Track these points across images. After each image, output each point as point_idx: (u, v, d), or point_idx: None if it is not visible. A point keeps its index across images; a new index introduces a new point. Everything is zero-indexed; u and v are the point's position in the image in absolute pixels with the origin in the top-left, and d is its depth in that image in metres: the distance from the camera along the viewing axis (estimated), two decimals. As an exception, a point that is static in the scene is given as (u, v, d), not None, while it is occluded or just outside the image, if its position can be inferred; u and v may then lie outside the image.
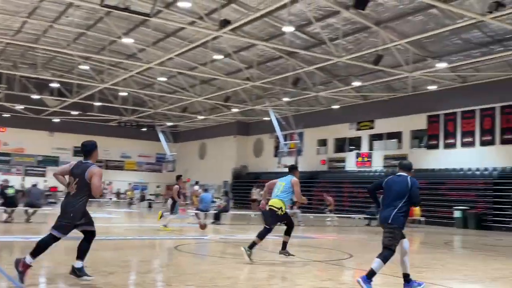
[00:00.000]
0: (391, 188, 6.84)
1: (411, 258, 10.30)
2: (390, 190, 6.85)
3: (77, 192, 6.33)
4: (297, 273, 8.40)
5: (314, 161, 34.96)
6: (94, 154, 6.58)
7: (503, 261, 11.50)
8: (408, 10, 19.87)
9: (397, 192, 6.77)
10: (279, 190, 9.51)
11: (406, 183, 6.77)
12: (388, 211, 6.75)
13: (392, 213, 6.70)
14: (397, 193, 6.77)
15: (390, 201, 6.79)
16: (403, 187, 6.75)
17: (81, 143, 6.70)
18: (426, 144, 28.10)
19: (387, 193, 6.88)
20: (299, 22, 21.98)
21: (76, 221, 6.33)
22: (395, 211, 6.70)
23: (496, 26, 19.42)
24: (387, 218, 6.74)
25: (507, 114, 24.19)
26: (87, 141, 6.70)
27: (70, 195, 6.37)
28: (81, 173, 6.34)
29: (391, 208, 6.73)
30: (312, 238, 15.57)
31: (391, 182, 6.88)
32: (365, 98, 31.30)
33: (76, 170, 6.43)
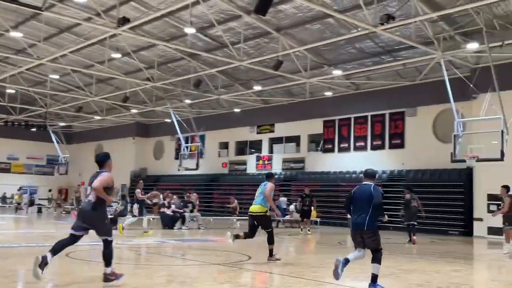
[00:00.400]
0: (358, 197, 7.59)
1: (308, 258, 10.60)
2: (357, 199, 7.59)
3: (97, 198, 7.00)
4: (195, 277, 8.28)
5: (215, 164, 34.97)
6: (107, 164, 7.31)
7: (392, 259, 12.21)
8: (307, 18, 20.56)
9: (363, 200, 7.47)
10: (257, 196, 10.51)
11: (369, 190, 7.49)
12: (361, 218, 7.43)
13: (365, 220, 7.37)
14: (363, 201, 7.47)
15: (359, 208, 7.51)
16: (368, 194, 7.46)
17: (95, 155, 7.54)
18: (322, 148, 29.26)
19: (355, 202, 7.62)
20: (201, 24, 21.87)
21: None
22: (367, 218, 7.37)
23: (386, 38, 20.71)
24: (362, 225, 7.40)
25: (395, 120, 25.90)
26: (100, 153, 7.60)
27: (88, 201, 7.03)
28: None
29: (362, 216, 7.42)
30: (212, 241, 15.51)
31: (357, 192, 7.63)
32: (266, 102, 31.93)
33: (92, 179, 7.06)
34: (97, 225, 7.06)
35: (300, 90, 29.22)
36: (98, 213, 7.05)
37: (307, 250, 15.07)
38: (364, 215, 7.40)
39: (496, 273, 10.59)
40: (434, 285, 8.16)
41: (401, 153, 25.44)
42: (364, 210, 7.42)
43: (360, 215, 7.44)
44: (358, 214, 7.51)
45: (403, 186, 22.40)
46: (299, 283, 8.02)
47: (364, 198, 7.46)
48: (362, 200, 7.48)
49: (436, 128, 24.20)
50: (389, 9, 18.00)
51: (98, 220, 7.04)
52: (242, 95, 30.14)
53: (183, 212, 20.56)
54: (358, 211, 7.51)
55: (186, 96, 30.67)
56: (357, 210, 7.55)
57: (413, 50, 21.78)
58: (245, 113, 32.87)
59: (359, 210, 7.50)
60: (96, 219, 7.02)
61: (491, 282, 9.32)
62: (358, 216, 7.49)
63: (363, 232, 7.44)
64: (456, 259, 12.88)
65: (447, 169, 22.90)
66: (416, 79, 24.31)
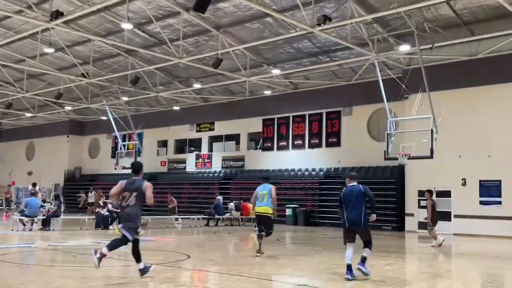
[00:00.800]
0: (350, 198, 8.38)
1: (246, 257, 10.68)
2: (349, 200, 8.38)
3: (136, 202, 7.85)
4: (133, 277, 8.13)
5: (154, 162, 34.43)
6: (141, 172, 8.15)
7: (327, 254, 12.53)
8: (246, 17, 20.65)
9: (356, 199, 8.30)
10: (264, 198, 11.22)
11: (360, 190, 8.39)
12: (356, 215, 8.27)
13: (360, 218, 8.26)
14: (356, 200, 8.29)
15: (352, 207, 8.32)
16: (359, 194, 8.34)
17: (131, 164, 8.44)
18: (262, 146, 29.51)
19: (348, 202, 8.40)
20: (138, 20, 21.46)
21: (139, 225, 8.03)
22: (362, 215, 8.25)
23: (323, 38, 21.18)
24: (357, 222, 8.29)
25: (332, 119, 26.55)
26: (135, 162, 8.47)
27: (130, 205, 7.85)
28: (138, 187, 7.88)
29: (357, 213, 8.27)
30: (150, 241, 15.27)
31: (348, 193, 8.46)
32: (205, 100, 31.79)
33: (131, 186, 7.92)
34: (133, 224, 7.94)
35: (239, 89, 29.31)
36: (138, 215, 8.03)
37: (246, 248, 15.17)
38: (358, 213, 8.26)
39: (426, 265, 11.10)
40: (368, 279, 8.45)
41: (337, 151, 26.10)
42: (358, 208, 8.27)
43: (355, 213, 8.27)
44: (352, 212, 8.30)
45: (340, 183, 23.01)
46: (238, 281, 8.06)
47: (357, 196, 8.31)
48: (355, 198, 8.32)
49: (371, 127, 25.03)
50: (326, 10, 18.42)
51: (135, 221, 7.96)
52: (182, 93, 29.86)
53: (119, 211, 20.08)
54: (352, 210, 8.31)
55: (123, 93, 29.98)
56: (350, 209, 8.34)
57: (349, 51, 22.41)
58: (184, 111, 32.59)
59: (353, 208, 8.31)
60: (134, 219, 7.93)
61: (420, 274, 9.77)
62: (353, 214, 8.29)
63: (359, 228, 8.34)
64: (389, 253, 13.39)
65: (381, 167, 23.75)
66: (351, 79, 25.03)
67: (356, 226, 8.32)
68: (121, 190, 8.03)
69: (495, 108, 20.21)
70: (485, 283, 8.96)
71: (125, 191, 7.97)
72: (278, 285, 8.03)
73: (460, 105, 20.65)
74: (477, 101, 20.62)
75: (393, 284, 8.08)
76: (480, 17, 19.00)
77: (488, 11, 18.45)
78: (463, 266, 11.64)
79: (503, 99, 20.05)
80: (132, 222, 7.90)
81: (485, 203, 20.32)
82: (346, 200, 8.44)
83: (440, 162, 19.86)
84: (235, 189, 28.76)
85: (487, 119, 20.36)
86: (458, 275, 10.10)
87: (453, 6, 18.41)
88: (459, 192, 20.95)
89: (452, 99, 20.56)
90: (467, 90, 20.88)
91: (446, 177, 21.05)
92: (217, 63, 21.36)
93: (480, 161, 20.39)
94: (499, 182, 20.02)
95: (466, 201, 20.72)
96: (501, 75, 20.06)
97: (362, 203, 8.30)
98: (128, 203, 7.92)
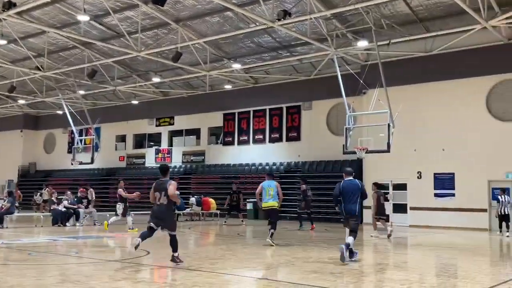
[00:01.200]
0: (348, 190, 9.75)
1: (207, 251, 10.65)
2: (348, 192, 9.74)
3: (168, 202, 8.79)
4: (91, 275, 7.97)
5: (112, 157, 33.82)
6: (168, 173, 9.17)
7: (287, 247, 12.63)
8: (206, 10, 20.50)
9: (354, 192, 9.72)
10: (270, 194, 12.67)
11: (357, 185, 9.89)
12: (352, 206, 9.68)
13: (355, 208, 9.65)
14: (354, 193, 9.72)
15: (350, 199, 9.71)
16: (356, 188, 9.80)
17: (159, 166, 9.46)
18: (222, 140, 29.44)
19: (347, 193, 9.74)
20: (95, 12, 20.97)
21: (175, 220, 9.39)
22: (357, 205, 9.69)
23: (283, 33, 21.27)
24: (353, 211, 9.67)
25: (292, 114, 26.74)
26: (162, 164, 10.02)
27: (164, 204, 8.78)
28: (166, 187, 8.75)
29: (353, 204, 9.68)
30: (109, 237, 15.01)
31: (347, 186, 9.80)
32: (165, 95, 31.43)
33: (160, 186, 8.86)
34: (169, 224, 8.94)
35: (200, 83, 29.12)
36: (170, 212, 9.00)
37: (206, 243, 15.12)
38: (354, 203, 9.70)
39: (383, 257, 11.37)
40: (327, 271, 8.57)
41: (298, 145, 26.34)
42: (354, 200, 9.71)
43: (352, 203, 9.69)
44: (349, 203, 9.71)
45: (299, 177, 23.26)
46: (199, 276, 8.03)
47: (355, 191, 9.73)
48: (353, 192, 9.73)
49: (330, 122, 25.36)
50: (286, 5, 18.50)
51: (170, 220, 9.00)
52: (140, 87, 29.41)
53: (77, 208, 19.66)
54: (349, 201, 9.72)
55: (79, 87, 29.28)
56: (348, 200, 9.73)
57: (308, 46, 22.60)
58: (143, 105, 32.13)
59: (350, 200, 9.71)
60: (168, 217, 8.94)
61: (378, 265, 9.99)
62: (350, 204, 9.71)
63: (352, 216, 9.69)
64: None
65: (340, 160, 24.11)
66: (311, 74, 25.27)
67: (351, 215, 9.70)
68: (153, 192, 8.94)
69: (449, 103, 20.84)
70: (439, 273, 9.24)
71: (156, 191, 8.91)
72: (239, 279, 8.05)
73: (415, 100, 21.18)
74: (432, 96, 21.21)
75: (351, 276, 8.23)
76: (435, 14, 19.51)
77: (442, 8, 18.97)
78: (419, 256, 11.98)
79: (456, 94, 20.69)
80: (168, 219, 8.91)
81: (440, 196, 20.96)
82: (345, 192, 9.76)
83: (397, 156, 20.33)
84: (196, 184, 28.61)
85: (441, 113, 20.97)
86: (414, 265, 10.38)
87: (409, 3, 18.83)
88: (414, 185, 21.52)
89: (408, 94, 21.07)
90: (422, 86, 21.44)
91: (402, 170, 21.59)
92: (176, 56, 21.13)
93: (434, 154, 21.01)
94: (452, 175, 20.70)
95: (421, 193, 21.32)
96: (455, 71, 20.68)
97: (358, 196, 9.75)
98: (161, 202, 8.82)
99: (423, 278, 8.33)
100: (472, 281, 7.94)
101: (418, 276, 8.52)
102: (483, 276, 8.63)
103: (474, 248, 13.86)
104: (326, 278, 7.87)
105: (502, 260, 12.20)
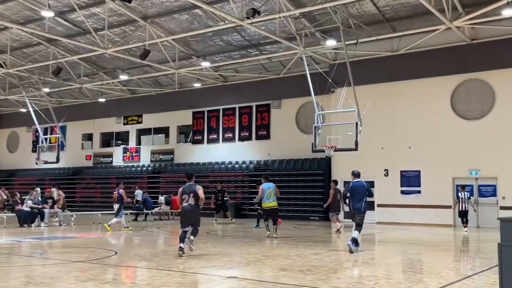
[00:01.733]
0: (357, 190, 11.28)
1: (176, 250, 10.56)
2: (356, 191, 11.28)
3: (195, 202, 10.33)
4: (56, 276, 7.80)
5: (78, 156, 33.21)
6: (193, 178, 10.82)
7: (256, 245, 12.65)
8: (174, 8, 20.32)
9: (361, 192, 11.23)
10: (271, 195, 14.61)
11: (364, 186, 11.32)
12: (359, 204, 11.21)
13: (362, 205, 11.21)
14: (361, 192, 11.23)
15: (358, 198, 11.24)
16: (363, 188, 11.27)
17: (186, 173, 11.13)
18: (192, 139, 29.25)
19: (355, 193, 11.30)
20: (60, 8, 20.54)
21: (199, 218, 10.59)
22: (363, 204, 11.21)
23: (253, 31, 21.27)
24: (360, 209, 11.25)
25: (262, 112, 26.78)
26: (188, 171, 12.26)
27: (191, 204, 10.32)
28: (193, 190, 10.38)
29: (359, 202, 11.20)
30: (74, 238, 14.73)
31: (355, 187, 11.34)
32: (133, 92, 31.02)
33: (188, 189, 10.44)
34: (197, 220, 10.47)
35: (168, 81, 28.86)
36: (197, 211, 10.42)
37: (175, 242, 15.00)
38: (360, 202, 11.21)
39: (351, 254, 11.49)
40: (297, 268, 8.62)
41: (267, 143, 26.40)
42: (361, 199, 11.20)
43: (359, 202, 11.21)
44: (357, 201, 11.22)
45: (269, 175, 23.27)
46: (168, 276, 7.96)
47: (362, 191, 11.21)
48: (360, 192, 11.22)
49: (299, 120, 25.51)
50: (255, 4, 18.50)
51: (197, 217, 10.50)
52: (108, 85, 28.95)
53: (41, 208, 19.21)
54: (357, 199, 11.22)
55: (44, 84, 28.61)
56: (355, 199, 11.25)
57: (277, 45, 22.67)
58: (110, 103, 31.64)
59: (358, 198, 11.22)
60: (195, 214, 10.43)
61: (346, 262, 10.10)
62: (357, 202, 11.22)
63: (358, 213, 11.23)
64: (316, 243, 13.75)
65: (308, 159, 24.30)
66: (280, 72, 25.35)
67: (357, 212, 11.25)
68: (181, 194, 10.44)
69: (415, 102, 21.24)
70: (406, 268, 9.41)
71: (184, 194, 10.41)
72: (208, 278, 8.00)
73: (382, 99, 21.50)
74: (398, 95, 21.58)
75: (320, 273, 8.29)
76: (402, 14, 19.85)
77: (409, 8, 19.31)
78: (386, 253, 12.17)
79: (422, 93, 21.10)
80: (195, 216, 10.45)
81: (406, 193, 21.36)
82: (353, 192, 11.29)
83: (364, 154, 20.61)
84: (165, 183, 28.36)
85: (407, 112, 21.36)
86: (381, 262, 10.54)
87: (376, 3, 19.09)
88: (382, 182, 21.86)
89: (376, 93, 21.37)
90: (389, 85, 21.78)
91: (370, 168, 21.88)
92: (144, 54, 20.87)
93: (401, 152, 21.39)
94: (418, 172, 21.11)
95: (388, 191, 21.67)
96: (421, 70, 21.08)
97: (364, 196, 11.21)
98: (189, 203, 10.33)
99: (390, 274, 8.46)
100: (437, 276, 8.11)
101: (385, 272, 8.65)
102: (447, 271, 8.82)
103: (439, 244, 14.18)
104: (295, 276, 7.90)
105: (465, 255, 12.52)
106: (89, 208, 26.10)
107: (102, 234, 16.25)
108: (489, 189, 19.75)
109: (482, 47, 19.99)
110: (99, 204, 29.79)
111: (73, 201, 30.65)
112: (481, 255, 11.84)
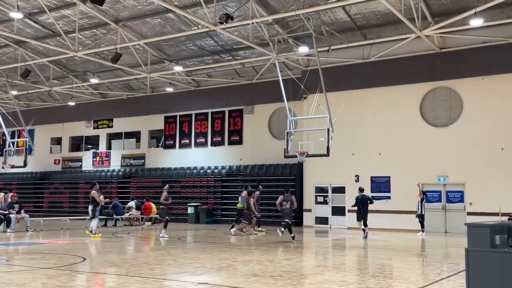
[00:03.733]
0: (362, 201, 17.14)
1: (146, 256, 10.42)
2: (362, 202, 17.14)
3: (289, 207, 16.14)
4: (22, 283, 7.60)
5: (47, 160, 32.56)
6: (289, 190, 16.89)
7: (228, 251, 12.61)
8: (147, 11, 20.17)
9: (365, 203, 17.12)
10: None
11: (367, 197, 17.34)
12: (365, 211, 17.08)
13: (367, 210, 17.13)
14: (365, 203, 17.11)
15: (363, 206, 17.10)
16: (366, 199, 17.22)
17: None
18: (163, 144, 29.02)
19: (361, 203, 17.15)
20: (29, 10, 20.16)
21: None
22: (367, 210, 17.14)
23: (225, 37, 21.28)
24: (366, 212, 17.11)
25: (234, 117, 26.77)
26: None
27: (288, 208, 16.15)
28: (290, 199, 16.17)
29: (365, 210, 17.10)
30: (42, 244, 14.40)
31: (361, 198, 17.17)
32: (104, 96, 30.62)
33: (287, 198, 16.13)
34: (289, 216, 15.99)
35: (140, 85, 28.60)
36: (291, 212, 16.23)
37: (145, 248, 14.82)
38: (366, 210, 17.11)
39: (322, 259, 11.57)
40: (268, 274, 8.62)
41: (239, 149, 26.40)
42: (365, 208, 17.09)
43: (364, 210, 17.06)
44: (363, 208, 17.03)
45: (242, 181, 23.32)
46: (138, 282, 7.85)
47: (366, 202, 17.12)
48: (364, 202, 17.12)
49: (271, 126, 25.60)
50: (228, 9, 18.52)
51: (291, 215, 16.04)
52: (78, 88, 28.51)
53: (8, 213, 18.73)
54: (363, 207, 17.05)
55: (12, 87, 27.98)
56: (362, 207, 17.05)
57: (250, 51, 22.74)
58: (80, 107, 31.16)
59: (363, 206, 17.06)
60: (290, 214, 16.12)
61: (317, 267, 10.15)
62: (364, 208, 17.04)
63: (364, 216, 17.00)
64: (287, 248, 13.78)
65: (281, 164, 24.38)
66: (253, 78, 25.42)
67: (364, 216, 17.01)
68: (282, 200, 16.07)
69: (385, 108, 21.58)
70: (375, 273, 9.51)
71: (284, 201, 16.13)
72: (179, 284, 7.93)
73: (353, 106, 21.76)
74: (369, 102, 21.88)
75: (291, 278, 8.31)
76: (373, 23, 20.17)
77: (379, 17, 19.63)
78: (356, 258, 12.28)
79: (392, 101, 21.45)
80: (288, 216, 15.91)
81: (376, 198, 21.60)
82: (359, 202, 17.10)
83: (336, 160, 20.80)
84: (135, 188, 28.04)
85: (377, 119, 21.67)
86: (351, 267, 10.63)
87: (348, 11, 19.35)
88: (352, 188, 22.05)
89: (347, 99, 21.60)
90: (360, 91, 22.07)
91: (341, 174, 22.12)
92: (116, 57, 20.64)
93: (371, 158, 21.67)
94: (388, 178, 21.42)
95: (359, 196, 21.86)
96: (391, 77, 21.44)
97: (367, 205, 17.16)
98: (286, 207, 15.97)
99: (360, 279, 8.54)
100: (407, 280, 8.22)
101: (355, 277, 8.73)
102: (416, 276, 8.96)
103: (408, 249, 14.39)
104: (266, 281, 7.90)
105: (433, 260, 12.74)
106: (57, 214, 25.56)
107: (70, 240, 15.93)
108: (456, 195, 20.16)
109: (450, 56, 20.47)
110: (68, 210, 29.28)
111: (40, 206, 30.02)
112: (449, 260, 12.07)
